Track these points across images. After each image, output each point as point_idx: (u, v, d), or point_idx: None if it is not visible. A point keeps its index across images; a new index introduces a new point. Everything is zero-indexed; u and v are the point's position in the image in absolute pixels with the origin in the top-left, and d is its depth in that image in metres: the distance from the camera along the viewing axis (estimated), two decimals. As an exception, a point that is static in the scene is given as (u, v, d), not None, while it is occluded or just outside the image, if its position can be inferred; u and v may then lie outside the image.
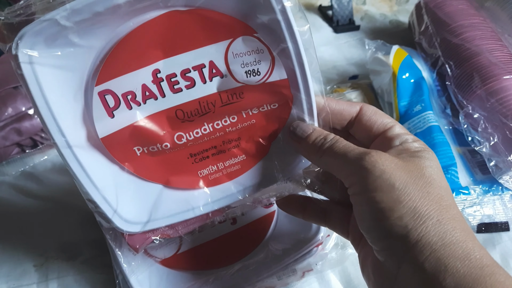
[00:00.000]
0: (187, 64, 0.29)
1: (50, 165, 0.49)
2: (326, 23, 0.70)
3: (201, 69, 0.30)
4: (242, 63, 0.30)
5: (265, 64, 0.30)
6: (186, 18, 0.28)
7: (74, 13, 0.25)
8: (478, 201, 0.45)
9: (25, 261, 0.41)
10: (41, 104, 0.27)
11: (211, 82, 0.30)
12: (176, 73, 0.30)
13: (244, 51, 0.30)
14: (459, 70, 0.51)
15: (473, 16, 0.55)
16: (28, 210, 0.45)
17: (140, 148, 0.31)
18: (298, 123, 0.32)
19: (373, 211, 0.26)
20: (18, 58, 0.26)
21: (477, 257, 0.24)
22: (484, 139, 0.45)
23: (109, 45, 0.28)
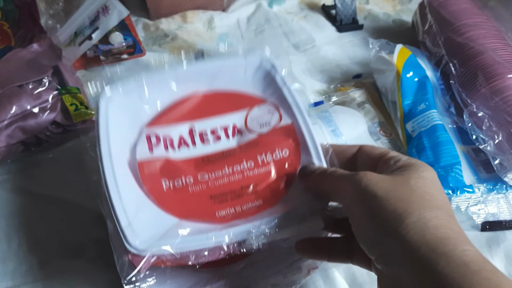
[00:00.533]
0: (216, 125, 0.40)
1: (55, 163, 0.49)
2: (329, 22, 0.71)
3: (226, 128, 0.40)
4: (258, 121, 0.40)
5: (274, 117, 0.40)
6: (217, 95, 0.42)
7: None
8: (483, 200, 0.45)
9: (30, 259, 0.42)
10: (103, 128, 0.37)
11: (233, 138, 0.39)
12: (206, 130, 0.39)
13: (259, 114, 0.41)
14: (463, 68, 0.51)
15: (477, 15, 0.55)
16: (32, 208, 0.45)
17: (167, 180, 0.37)
18: (307, 164, 0.37)
19: (361, 222, 0.29)
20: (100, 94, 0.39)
21: (461, 253, 0.24)
22: (488, 137, 0.46)
23: (163, 106, 0.40)
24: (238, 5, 0.71)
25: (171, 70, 0.42)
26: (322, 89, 0.60)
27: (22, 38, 0.58)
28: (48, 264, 0.41)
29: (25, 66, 0.52)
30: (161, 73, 0.41)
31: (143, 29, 0.67)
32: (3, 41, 0.57)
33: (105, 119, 0.38)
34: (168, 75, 0.41)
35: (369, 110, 0.54)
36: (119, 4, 0.57)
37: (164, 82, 0.41)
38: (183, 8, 0.69)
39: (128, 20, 0.65)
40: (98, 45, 0.59)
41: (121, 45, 0.60)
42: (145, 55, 0.62)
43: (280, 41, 0.67)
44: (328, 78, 0.61)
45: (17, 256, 0.42)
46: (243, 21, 0.70)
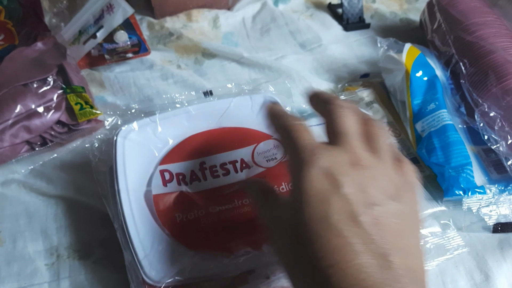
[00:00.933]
0: (225, 160, 0.42)
1: (59, 163, 0.49)
2: (336, 21, 0.70)
3: (235, 163, 0.42)
4: (264, 156, 0.43)
5: (280, 151, 0.43)
6: (225, 132, 0.45)
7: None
8: (494, 201, 0.44)
9: (36, 260, 0.41)
10: (120, 163, 0.40)
11: (242, 172, 0.42)
12: (216, 165, 0.42)
13: (265, 149, 0.44)
14: (474, 68, 0.50)
15: (487, 14, 0.55)
16: (38, 209, 0.45)
17: (180, 215, 0.39)
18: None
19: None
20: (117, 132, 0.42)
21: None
22: (500, 137, 0.45)
23: (175, 142, 0.44)
24: (243, 4, 0.71)
25: (183, 109, 0.46)
26: (329, 88, 0.59)
27: (26, 37, 0.57)
28: (54, 264, 0.41)
29: (30, 64, 0.51)
30: (174, 112, 0.46)
31: (148, 28, 0.67)
32: (7, 39, 0.57)
33: (122, 155, 0.41)
34: (180, 113, 0.45)
35: (377, 110, 0.53)
36: (124, 3, 0.57)
37: (177, 120, 0.45)
38: (188, 6, 0.68)
39: (133, 19, 0.64)
40: (102, 44, 0.58)
41: (126, 44, 0.59)
42: (150, 54, 0.61)
43: (286, 40, 0.66)
44: (335, 77, 0.61)
45: (22, 257, 0.41)
46: (249, 19, 0.70)
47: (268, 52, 0.64)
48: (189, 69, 0.61)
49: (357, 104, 0.54)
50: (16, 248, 0.42)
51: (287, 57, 0.63)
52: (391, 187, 0.28)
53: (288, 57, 0.63)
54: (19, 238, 0.42)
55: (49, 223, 0.43)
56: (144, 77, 0.59)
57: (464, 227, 0.44)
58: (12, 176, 0.47)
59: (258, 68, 0.61)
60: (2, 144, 0.46)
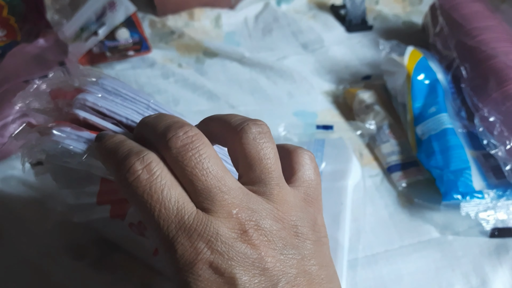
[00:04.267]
0: None
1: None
2: (338, 22, 0.70)
3: None
4: None
5: None
6: None
7: None
8: (492, 206, 0.44)
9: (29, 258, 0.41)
10: None
11: None
12: None
13: None
14: (475, 72, 0.50)
15: (489, 18, 0.55)
16: (35, 207, 0.45)
17: None
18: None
19: None
20: None
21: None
22: (500, 142, 0.45)
23: None
24: (246, 3, 0.71)
25: None
26: (330, 90, 0.59)
27: (28, 33, 0.57)
28: (47, 264, 0.40)
29: (31, 61, 0.51)
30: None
31: (150, 26, 0.67)
32: (9, 35, 0.57)
33: None
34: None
35: (378, 112, 0.53)
36: (126, 1, 0.57)
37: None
38: (191, 5, 0.68)
39: (135, 17, 0.64)
40: (104, 41, 0.58)
41: (127, 42, 0.59)
42: (151, 52, 0.61)
43: (288, 40, 0.66)
44: (336, 78, 0.61)
45: (15, 256, 0.41)
46: (251, 19, 0.70)
47: (270, 53, 0.64)
48: (190, 68, 0.61)
49: (359, 106, 0.54)
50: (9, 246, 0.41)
51: (288, 58, 0.63)
52: (286, 232, 0.24)
53: (289, 57, 0.63)
54: (14, 236, 0.42)
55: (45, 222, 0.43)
56: (145, 75, 0.59)
57: (461, 231, 0.44)
58: (11, 172, 0.47)
59: (260, 68, 0.61)
60: (3, 140, 0.46)
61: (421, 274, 0.42)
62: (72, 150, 0.27)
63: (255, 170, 0.24)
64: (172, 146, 0.23)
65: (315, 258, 0.24)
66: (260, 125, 0.25)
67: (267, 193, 0.24)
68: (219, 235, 0.22)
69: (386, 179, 0.49)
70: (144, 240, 0.34)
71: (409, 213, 0.46)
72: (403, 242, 0.44)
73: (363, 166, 0.50)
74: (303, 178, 0.26)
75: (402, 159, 0.50)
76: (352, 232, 0.44)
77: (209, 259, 0.21)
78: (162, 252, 0.22)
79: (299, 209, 0.25)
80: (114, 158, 0.24)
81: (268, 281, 0.22)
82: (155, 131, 0.24)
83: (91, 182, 0.32)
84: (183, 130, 0.23)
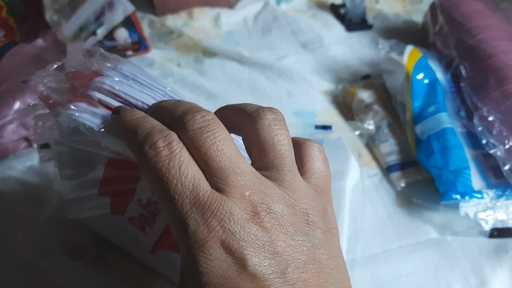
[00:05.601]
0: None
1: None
2: (338, 21, 0.70)
3: None
4: None
5: None
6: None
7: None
8: (491, 206, 0.44)
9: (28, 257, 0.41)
10: None
11: None
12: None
13: None
14: (474, 71, 0.50)
15: (489, 17, 0.54)
16: (34, 206, 0.45)
17: None
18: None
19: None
20: None
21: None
22: (499, 142, 0.45)
23: None
24: (245, 3, 0.71)
25: None
26: (330, 89, 0.59)
27: (27, 33, 0.57)
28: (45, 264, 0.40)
29: (30, 61, 0.51)
30: None
31: (149, 26, 0.67)
32: (8, 36, 0.57)
33: None
34: None
35: (377, 111, 0.53)
36: (125, 0, 0.57)
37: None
38: (190, 4, 0.68)
39: (134, 16, 0.64)
40: (103, 41, 0.58)
41: (126, 42, 0.59)
42: (150, 51, 0.61)
43: (287, 39, 0.66)
44: (336, 78, 0.61)
45: (13, 256, 0.41)
46: (251, 18, 0.70)
47: (269, 52, 0.64)
48: (189, 68, 0.61)
49: (358, 105, 0.54)
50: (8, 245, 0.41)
51: (288, 57, 0.63)
52: (297, 219, 0.24)
53: (289, 57, 0.63)
54: (12, 236, 0.42)
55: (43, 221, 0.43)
56: (144, 75, 0.59)
57: (460, 231, 0.44)
58: (9, 173, 0.47)
59: (259, 68, 0.61)
60: (1, 140, 0.46)
61: (420, 274, 0.41)
62: (86, 124, 0.27)
63: (268, 155, 0.25)
64: (189, 128, 0.23)
65: (325, 248, 0.24)
66: (275, 112, 0.25)
67: (279, 179, 0.24)
68: (232, 215, 0.22)
69: (385, 179, 0.49)
70: (142, 236, 0.34)
71: (408, 213, 0.46)
72: (402, 242, 0.44)
73: (362, 166, 0.49)
74: (313, 170, 0.26)
75: (401, 159, 0.49)
76: (351, 233, 0.44)
77: (221, 237, 0.21)
78: (174, 228, 0.22)
79: (311, 198, 0.25)
80: (135, 133, 0.24)
81: (278, 264, 0.22)
82: (173, 114, 0.25)
83: (95, 167, 0.32)
84: (201, 114, 0.24)
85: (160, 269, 0.38)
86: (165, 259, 0.36)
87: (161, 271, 0.38)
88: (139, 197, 0.31)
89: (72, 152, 0.31)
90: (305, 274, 0.22)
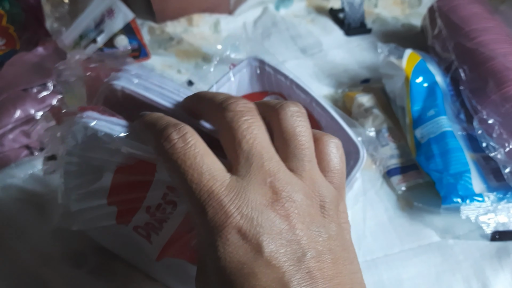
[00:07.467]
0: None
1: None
2: (337, 26, 0.70)
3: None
4: None
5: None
6: None
7: None
8: (493, 209, 0.44)
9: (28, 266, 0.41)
10: None
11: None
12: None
13: None
14: (473, 74, 0.50)
15: (488, 20, 0.55)
16: (35, 214, 0.45)
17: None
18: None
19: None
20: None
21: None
22: (499, 145, 0.45)
23: None
24: (244, 9, 0.71)
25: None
26: (329, 94, 0.59)
27: (27, 42, 0.57)
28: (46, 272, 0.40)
29: (30, 69, 0.51)
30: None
31: (149, 33, 0.67)
32: (8, 44, 0.57)
33: None
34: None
35: (377, 116, 0.53)
36: (125, 7, 0.57)
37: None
38: (189, 11, 0.68)
39: (134, 23, 0.64)
40: (103, 49, 0.58)
41: (126, 49, 0.59)
42: (150, 58, 0.61)
43: (287, 44, 0.66)
44: (335, 82, 0.61)
45: (15, 264, 0.41)
46: (250, 24, 0.70)
47: (269, 57, 0.64)
48: (189, 74, 0.61)
49: (358, 109, 0.54)
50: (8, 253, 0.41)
51: (287, 62, 0.63)
52: (314, 210, 0.24)
53: (288, 62, 0.63)
54: (13, 244, 0.42)
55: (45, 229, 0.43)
56: (144, 82, 0.59)
57: (462, 235, 0.44)
58: (11, 181, 0.47)
59: (259, 73, 0.61)
60: (2, 148, 0.47)
61: (422, 278, 0.41)
62: (104, 131, 0.28)
63: (289, 145, 0.25)
64: (231, 109, 0.24)
65: (339, 240, 0.24)
66: (297, 105, 0.26)
67: (299, 169, 0.25)
68: (250, 201, 0.22)
69: (385, 182, 0.49)
70: (147, 245, 0.34)
71: (409, 217, 0.46)
72: (403, 246, 0.44)
73: (362, 170, 0.49)
74: (329, 167, 0.27)
75: (401, 163, 0.49)
76: (352, 237, 0.44)
77: (238, 223, 0.22)
78: (194, 215, 0.23)
79: (328, 191, 0.25)
80: (154, 128, 0.25)
81: (294, 252, 0.22)
82: (214, 101, 0.26)
83: (103, 175, 0.32)
84: (243, 101, 0.25)
85: (163, 277, 0.38)
86: (170, 267, 0.36)
87: (164, 280, 0.38)
88: (148, 203, 0.31)
89: (81, 161, 0.31)
90: (321, 263, 0.22)
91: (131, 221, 0.33)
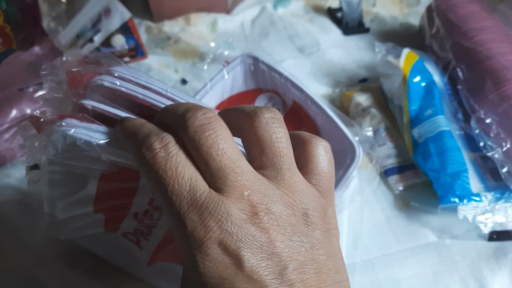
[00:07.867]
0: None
1: (55, 167, 0.49)
2: (335, 25, 0.70)
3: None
4: None
5: (277, 102, 0.46)
6: (221, 105, 0.47)
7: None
8: (490, 208, 0.44)
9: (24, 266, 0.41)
10: None
11: None
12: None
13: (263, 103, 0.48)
14: (471, 74, 0.50)
15: (486, 19, 0.54)
16: (30, 214, 0.45)
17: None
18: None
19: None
20: None
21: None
22: (496, 144, 0.44)
23: None
24: (242, 8, 0.71)
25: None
26: (327, 93, 0.59)
27: (23, 41, 0.57)
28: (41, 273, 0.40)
29: (26, 69, 0.51)
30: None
31: (146, 32, 0.67)
32: (4, 44, 0.57)
33: None
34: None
35: (375, 115, 0.53)
36: (122, 7, 0.57)
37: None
38: (187, 10, 0.68)
39: (131, 23, 0.64)
40: (100, 48, 0.58)
41: (123, 48, 0.59)
42: (147, 58, 0.61)
43: (284, 44, 0.66)
44: (333, 82, 0.60)
45: (9, 264, 0.41)
46: (247, 24, 0.70)
47: (267, 57, 0.64)
48: (186, 73, 0.61)
49: (355, 109, 0.54)
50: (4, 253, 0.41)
51: (285, 62, 0.63)
52: (296, 219, 0.24)
53: (286, 61, 0.63)
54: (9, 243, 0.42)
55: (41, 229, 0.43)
56: (141, 81, 0.59)
57: (459, 234, 0.44)
58: (7, 181, 0.47)
59: (256, 73, 0.61)
60: (-2, 148, 0.46)
61: (419, 278, 0.41)
62: (83, 138, 0.27)
63: (267, 153, 0.24)
64: (190, 125, 0.23)
65: (324, 249, 0.24)
66: (272, 111, 0.25)
67: (278, 178, 0.24)
68: (229, 215, 0.22)
69: (382, 182, 0.49)
70: (137, 251, 0.34)
71: (406, 217, 0.46)
72: (400, 246, 0.44)
73: (359, 169, 0.49)
74: (316, 170, 0.26)
75: (398, 162, 0.49)
76: (349, 237, 0.44)
77: (218, 238, 0.21)
78: (174, 229, 0.23)
79: (310, 198, 0.24)
80: (135, 137, 0.24)
81: (275, 265, 0.22)
82: (175, 113, 0.25)
83: (87, 183, 0.32)
84: (202, 111, 0.24)
85: (156, 282, 0.38)
86: (161, 271, 0.35)
87: (157, 283, 0.38)
88: (135, 210, 0.30)
89: (64, 170, 0.31)
90: (303, 275, 0.22)
91: (119, 228, 0.32)
